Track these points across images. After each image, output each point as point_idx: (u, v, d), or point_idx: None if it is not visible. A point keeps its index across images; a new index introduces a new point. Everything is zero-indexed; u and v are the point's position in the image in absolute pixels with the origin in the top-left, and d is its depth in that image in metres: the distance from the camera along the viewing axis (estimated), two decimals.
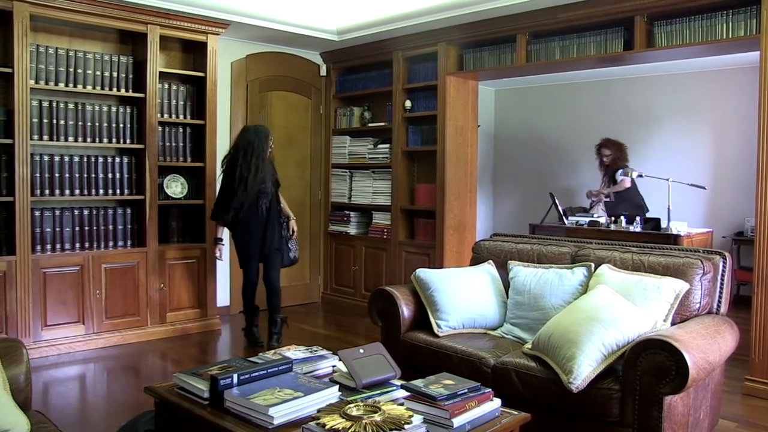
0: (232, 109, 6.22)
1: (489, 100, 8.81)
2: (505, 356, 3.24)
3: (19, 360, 2.45)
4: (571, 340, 2.89)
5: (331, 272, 6.95)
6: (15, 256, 4.65)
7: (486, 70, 5.69)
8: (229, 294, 6.23)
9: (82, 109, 5.02)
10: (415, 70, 6.17)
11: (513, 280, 3.71)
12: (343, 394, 2.48)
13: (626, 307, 3.02)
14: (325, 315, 6.48)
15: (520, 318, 3.59)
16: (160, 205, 5.37)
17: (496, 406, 2.42)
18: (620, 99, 7.77)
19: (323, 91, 6.96)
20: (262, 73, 6.44)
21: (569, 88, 8.16)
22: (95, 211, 5.12)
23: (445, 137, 5.83)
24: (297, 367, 2.74)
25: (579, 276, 3.47)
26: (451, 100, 5.84)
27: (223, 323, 5.82)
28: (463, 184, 6.02)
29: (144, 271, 5.26)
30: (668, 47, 4.56)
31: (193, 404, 2.51)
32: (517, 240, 4.12)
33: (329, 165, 6.96)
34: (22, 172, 4.65)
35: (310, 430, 2.10)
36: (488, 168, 8.91)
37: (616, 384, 2.80)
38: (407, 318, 3.73)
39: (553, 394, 2.93)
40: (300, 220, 6.73)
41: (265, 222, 4.96)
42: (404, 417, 2.10)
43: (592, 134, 7.20)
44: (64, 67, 4.92)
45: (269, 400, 2.32)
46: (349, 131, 6.84)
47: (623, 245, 3.71)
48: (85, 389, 4.34)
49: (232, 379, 2.48)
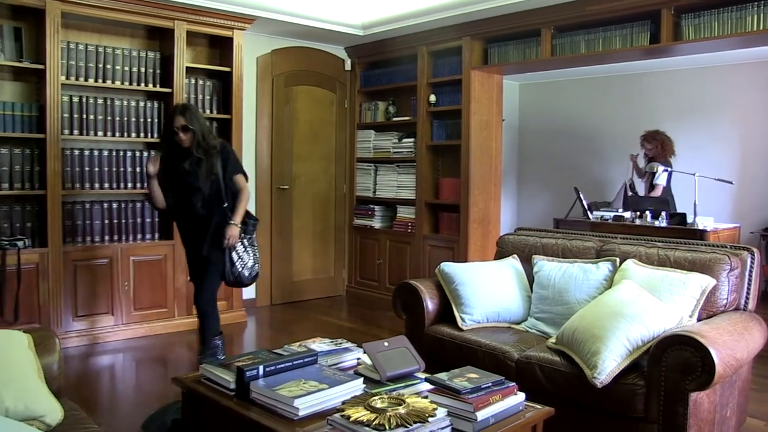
0: (257, 104, 6.26)
1: (514, 94, 8.77)
2: (529, 350, 3.24)
3: (52, 349, 2.51)
4: (596, 335, 2.88)
5: (355, 266, 6.99)
6: (47, 248, 4.74)
7: (510, 65, 5.67)
8: (255, 287, 6.29)
9: (111, 105, 5.10)
10: (439, 64, 6.16)
11: (537, 274, 3.71)
12: (368, 387, 2.50)
13: (651, 302, 3.00)
14: (350, 308, 6.52)
15: (545, 312, 3.59)
16: None
17: (520, 400, 2.43)
18: (645, 93, 7.69)
19: (348, 86, 6.98)
20: (287, 68, 6.48)
21: (594, 82, 8.10)
22: (124, 205, 5.20)
23: (470, 131, 5.82)
24: (322, 360, 2.76)
25: (604, 271, 3.46)
26: (475, 94, 5.82)
27: (248, 315, 5.89)
28: (487, 179, 6.01)
29: (171, 263, 5.33)
30: (696, 40, 4.50)
31: (220, 395, 2.54)
32: (542, 234, 4.11)
33: (354, 159, 6.99)
34: (53, 166, 4.74)
35: (335, 422, 2.12)
36: (513, 162, 8.88)
37: (640, 379, 2.79)
38: (431, 311, 3.74)
39: (577, 388, 2.92)
40: (325, 213, 6.80)
41: (198, 225, 4.03)
42: (428, 410, 2.12)
43: (616, 128, 7.16)
44: (94, 63, 4.99)
45: (294, 392, 2.34)
46: (374, 125, 6.86)
47: (649, 240, 3.69)
48: (114, 378, 4.42)
49: (258, 371, 2.51)
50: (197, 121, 3.91)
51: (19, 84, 4.84)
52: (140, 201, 5.29)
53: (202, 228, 4.00)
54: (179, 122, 3.87)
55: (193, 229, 4.06)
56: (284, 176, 6.50)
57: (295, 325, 5.72)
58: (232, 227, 4.00)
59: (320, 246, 6.84)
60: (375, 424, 2.01)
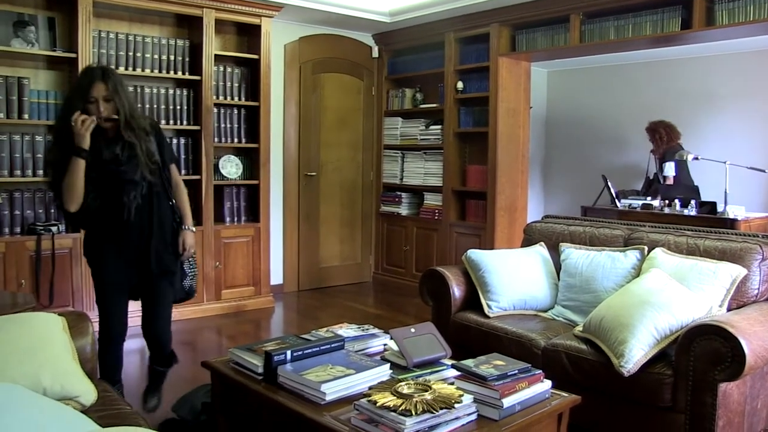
0: (285, 91, 6.29)
1: (541, 81, 8.69)
2: (555, 338, 3.24)
3: (86, 332, 2.57)
4: (623, 323, 2.87)
5: (382, 252, 7.01)
6: (79, 233, 4.83)
7: (538, 51, 5.62)
8: (282, 273, 6.36)
9: (141, 92, 5.16)
10: (466, 51, 6.13)
11: (564, 262, 3.70)
12: (394, 373, 2.52)
13: (680, 291, 2.98)
14: (376, 294, 6.55)
15: (572, 300, 3.58)
16: (215, 185, 5.49)
17: (547, 388, 2.43)
18: (676, 80, 7.56)
19: (375, 73, 6.98)
20: (314, 55, 6.49)
21: (623, 68, 7.98)
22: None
23: (497, 119, 5.79)
24: (349, 345, 2.78)
25: (632, 259, 3.44)
26: (503, 81, 5.79)
27: (276, 301, 5.94)
28: (514, 166, 5.98)
29: (200, 249, 5.40)
30: (730, 25, 4.42)
31: (248, 379, 2.58)
32: (569, 222, 4.09)
33: (381, 146, 7.00)
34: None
35: (362, 407, 2.14)
36: (540, 150, 8.81)
37: (668, 369, 2.78)
38: (458, 298, 3.75)
39: (604, 377, 2.92)
40: (352, 200, 6.83)
41: (142, 227, 3.04)
42: (454, 396, 2.13)
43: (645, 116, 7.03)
44: (124, 51, 5.05)
45: (321, 377, 2.37)
46: (401, 113, 6.85)
47: (677, 229, 3.65)
48: (144, 361, 4.49)
49: (286, 356, 2.53)
50: (123, 91, 2.93)
51: (53, 72, 4.92)
52: None
53: (141, 234, 3.03)
54: (99, 91, 2.86)
55: (126, 236, 3.01)
56: (311, 163, 6.53)
57: (322, 311, 5.77)
58: (189, 234, 3.22)
59: (347, 232, 6.88)
60: (401, 409, 2.02)
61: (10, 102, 4.58)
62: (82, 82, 2.90)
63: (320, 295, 6.39)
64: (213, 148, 5.44)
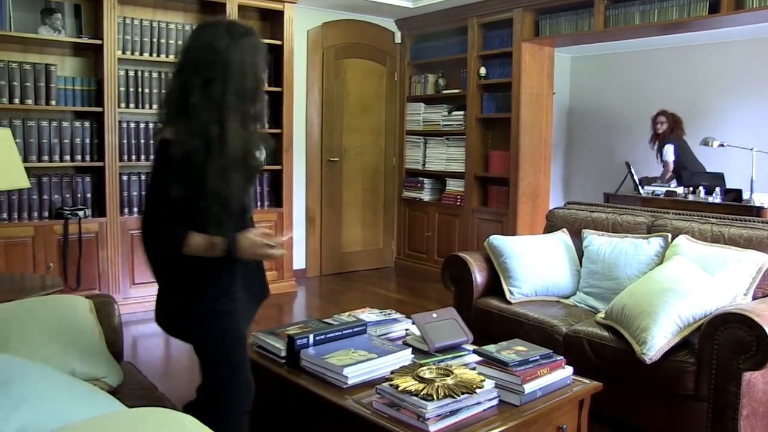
0: (308, 77, 6.30)
1: (565, 67, 8.60)
2: (577, 325, 3.23)
3: (112, 314, 2.61)
4: (646, 310, 2.86)
5: (404, 238, 7.02)
6: (105, 218, 4.90)
7: (562, 37, 5.56)
8: (305, 257, 6.40)
9: (165, 78, 5.19)
10: (490, 36, 6.09)
11: (587, 248, 3.68)
12: (416, 357, 2.54)
13: (704, 279, 2.96)
14: (398, 280, 6.57)
15: (594, 287, 3.57)
16: None
17: (568, 374, 2.43)
18: (701, 65, 7.45)
19: (398, 59, 6.96)
20: (337, 41, 6.49)
21: (647, 54, 7.87)
22: None
23: (520, 105, 5.76)
24: (371, 330, 2.80)
25: (655, 246, 3.42)
26: (526, 67, 5.74)
27: (298, 285, 5.99)
28: (537, 152, 5.95)
29: None
30: (761, 8, 4.31)
31: (271, 362, 2.61)
32: (592, 208, 4.07)
33: (404, 132, 6.99)
34: (111, 139, 4.88)
35: (384, 391, 2.16)
36: (563, 136, 8.74)
37: (691, 357, 2.76)
38: (480, 284, 3.76)
39: (626, 364, 2.91)
40: (374, 186, 6.86)
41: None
42: (476, 381, 2.14)
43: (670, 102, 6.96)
44: (149, 37, 5.09)
45: (344, 361, 2.39)
46: (424, 98, 6.84)
47: (702, 216, 3.61)
48: (169, 344, 4.56)
49: (308, 339, 2.56)
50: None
51: (79, 59, 4.98)
52: None
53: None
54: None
55: (253, 267, 2.26)
56: (334, 148, 6.54)
57: (344, 296, 5.80)
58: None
59: (369, 218, 6.90)
60: (423, 394, 2.04)
61: (38, 88, 4.65)
62: (261, 48, 2.16)
63: (342, 280, 6.43)
64: None
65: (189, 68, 2.00)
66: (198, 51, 2.01)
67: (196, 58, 2.00)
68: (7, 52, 4.66)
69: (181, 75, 2.01)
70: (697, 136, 6.40)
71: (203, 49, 2.00)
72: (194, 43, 2.05)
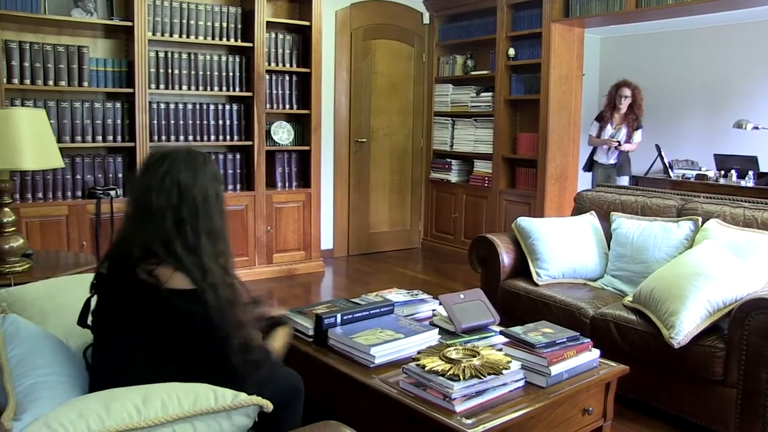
0: (336, 58, 6.30)
1: (594, 48, 8.48)
2: (604, 308, 3.23)
3: None
4: (675, 294, 2.84)
5: (431, 219, 7.03)
6: None
7: (593, 17, 5.47)
8: (333, 238, 6.44)
9: (194, 59, 5.23)
10: (519, 17, 6.02)
11: (615, 231, 3.66)
12: (443, 338, 2.56)
13: (735, 263, 2.93)
14: (425, 260, 6.59)
15: (622, 270, 3.55)
16: (267, 151, 5.56)
17: (595, 357, 2.44)
18: (735, 46, 7.28)
19: (426, 40, 6.92)
20: (365, 22, 6.47)
21: (679, 35, 7.72)
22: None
23: (549, 86, 5.70)
24: (398, 310, 2.82)
25: (685, 230, 3.38)
26: (555, 48, 5.68)
27: (326, 266, 6.03)
28: (566, 134, 5.90)
29: (252, 214, 5.50)
30: None
31: (299, 341, 2.63)
32: (621, 191, 4.04)
33: (431, 113, 6.97)
34: (142, 120, 4.94)
35: (410, 371, 2.18)
36: (592, 118, 8.62)
37: (720, 342, 2.74)
38: (507, 266, 3.76)
39: (653, 348, 2.90)
40: (402, 167, 6.87)
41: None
42: (502, 362, 2.15)
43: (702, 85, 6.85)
44: (178, 19, 5.12)
45: (371, 340, 2.42)
46: (452, 79, 6.80)
47: (734, 200, 3.56)
48: None
49: (336, 319, 2.60)
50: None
51: (110, 41, 5.03)
52: (222, 153, 5.45)
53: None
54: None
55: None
56: (362, 129, 6.55)
57: (371, 276, 5.84)
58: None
59: (397, 199, 6.91)
60: (450, 374, 2.06)
61: (71, 70, 4.71)
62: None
63: (369, 260, 6.47)
64: (265, 115, 5.50)
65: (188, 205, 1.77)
66: (197, 190, 1.79)
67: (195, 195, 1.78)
68: (41, 35, 4.73)
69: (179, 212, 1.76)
70: (730, 118, 6.30)
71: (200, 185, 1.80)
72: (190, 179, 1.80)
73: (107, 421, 1.30)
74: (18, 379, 1.61)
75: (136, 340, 1.71)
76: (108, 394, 1.39)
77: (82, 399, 1.42)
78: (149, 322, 1.71)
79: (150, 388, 1.43)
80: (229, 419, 1.40)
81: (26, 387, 1.59)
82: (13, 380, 1.61)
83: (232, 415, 1.40)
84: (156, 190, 1.75)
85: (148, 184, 1.78)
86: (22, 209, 4.47)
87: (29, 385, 1.59)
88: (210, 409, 1.38)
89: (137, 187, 1.83)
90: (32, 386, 1.59)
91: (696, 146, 7.14)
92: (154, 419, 1.33)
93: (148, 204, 1.75)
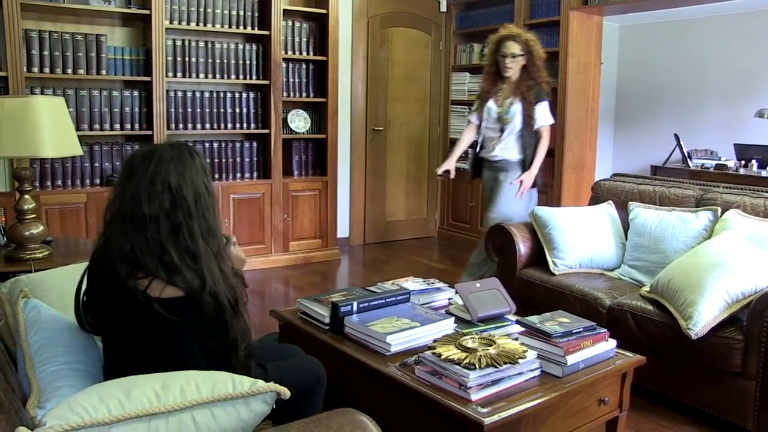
0: (353, 46, 6.29)
1: (613, 36, 8.39)
2: (621, 298, 3.21)
3: None
4: (693, 285, 2.82)
5: (447, 208, 7.01)
6: None
7: (612, 5, 5.42)
8: (349, 226, 6.45)
9: (211, 47, 5.24)
10: (537, 5, 5.97)
11: (633, 221, 3.64)
12: (459, 327, 2.56)
13: (755, 254, 2.90)
14: (441, 249, 6.59)
15: (639, 260, 3.53)
16: (284, 139, 5.58)
17: (611, 347, 2.43)
18: (756, 33, 7.16)
19: (443, 27, 6.89)
20: (382, 10, 6.44)
21: (700, 22, 7.61)
22: (224, 145, 5.40)
23: (567, 74, 5.66)
24: (414, 298, 2.83)
25: (704, 220, 3.35)
26: (573, 36, 5.63)
27: (342, 254, 6.05)
28: (583, 123, 5.85)
29: (269, 201, 5.52)
30: None
31: (315, 328, 2.66)
32: (639, 181, 4.01)
33: (448, 101, 6.94)
34: (159, 108, 4.97)
35: (426, 359, 2.19)
36: (610, 107, 8.56)
37: (738, 334, 2.72)
38: (523, 255, 3.75)
39: (670, 339, 2.89)
40: (418, 155, 6.86)
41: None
42: (518, 351, 2.15)
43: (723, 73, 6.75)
44: (195, 7, 5.13)
45: (387, 328, 2.42)
46: (469, 68, 6.76)
47: (755, 190, 3.52)
48: None
49: (352, 307, 2.60)
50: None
51: (128, 30, 5.06)
52: (239, 141, 5.47)
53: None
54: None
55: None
56: (379, 118, 6.54)
57: (388, 264, 5.84)
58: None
59: (413, 187, 6.91)
60: (465, 363, 2.06)
61: (89, 59, 4.74)
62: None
63: (386, 248, 6.47)
64: (282, 103, 5.51)
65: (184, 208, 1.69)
66: (189, 189, 1.71)
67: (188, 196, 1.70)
68: (60, 24, 4.77)
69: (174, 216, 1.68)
70: (752, 107, 6.22)
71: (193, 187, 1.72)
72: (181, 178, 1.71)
73: (127, 406, 1.31)
74: (40, 366, 1.64)
75: (139, 355, 1.68)
76: (128, 381, 1.41)
77: (102, 385, 1.44)
78: (152, 340, 1.67)
79: (169, 375, 1.45)
80: (247, 405, 1.41)
81: (49, 374, 1.61)
82: (35, 366, 1.64)
83: (249, 401, 1.42)
84: (146, 195, 1.65)
85: (136, 188, 1.68)
86: (42, 197, 4.52)
87: (52, 371, 1.61)
88: (228, 395, 1.40)
89: (124, 192, 1.71)
90: (54, 373, 1.61)
91: (716, 136, 7.06)
92: (174, 405, 1.34)
93: (140, 212, 1.65)
